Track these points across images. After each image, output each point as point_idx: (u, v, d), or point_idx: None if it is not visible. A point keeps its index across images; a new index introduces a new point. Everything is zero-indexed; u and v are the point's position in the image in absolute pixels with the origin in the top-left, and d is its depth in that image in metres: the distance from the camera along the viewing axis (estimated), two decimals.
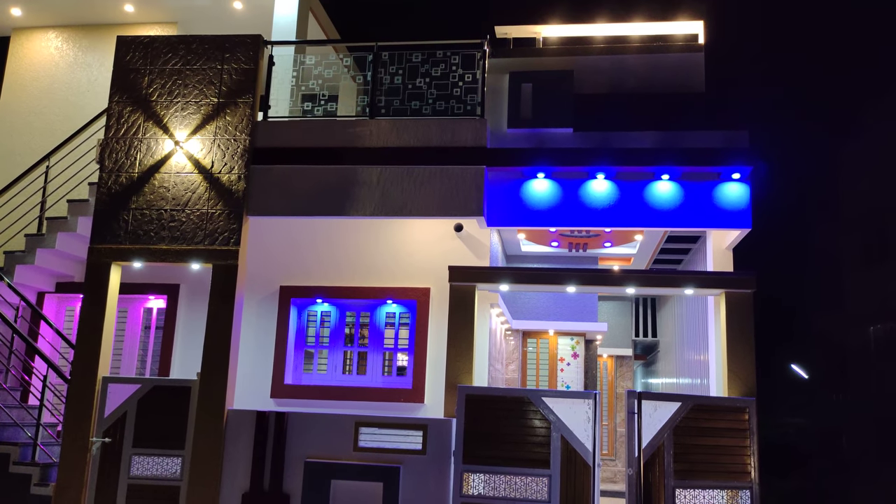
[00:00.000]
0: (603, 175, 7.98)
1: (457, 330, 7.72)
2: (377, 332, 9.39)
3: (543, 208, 8.10)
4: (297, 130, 8.28)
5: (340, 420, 7.45)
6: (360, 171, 8.05)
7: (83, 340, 7.86)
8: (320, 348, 9.48)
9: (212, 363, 7.68)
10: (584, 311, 11.82)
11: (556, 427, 7.06)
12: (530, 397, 7.18)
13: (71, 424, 7.65)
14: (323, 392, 9.09)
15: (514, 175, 8.17)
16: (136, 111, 8.34)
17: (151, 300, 9.81)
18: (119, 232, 8.05)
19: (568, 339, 12.29)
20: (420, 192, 7.94)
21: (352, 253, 9.41)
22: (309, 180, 8.11)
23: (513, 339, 12.10)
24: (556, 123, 8.18)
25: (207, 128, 8.23)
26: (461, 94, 8.30)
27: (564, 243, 10.51)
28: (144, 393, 7.70)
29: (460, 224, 9.15)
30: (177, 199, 8.08)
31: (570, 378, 12.12)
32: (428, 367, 8.98)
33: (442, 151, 8.00)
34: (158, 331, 9.71)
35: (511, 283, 7.91)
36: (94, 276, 7.99)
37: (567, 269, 7.89)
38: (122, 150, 8.27)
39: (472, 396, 7.28)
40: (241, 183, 8.05)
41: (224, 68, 8.34)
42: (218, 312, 7.82)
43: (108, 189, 8.18)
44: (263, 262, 9.42)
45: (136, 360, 9.73)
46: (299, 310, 9.54)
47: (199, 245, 7.94)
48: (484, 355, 9.10)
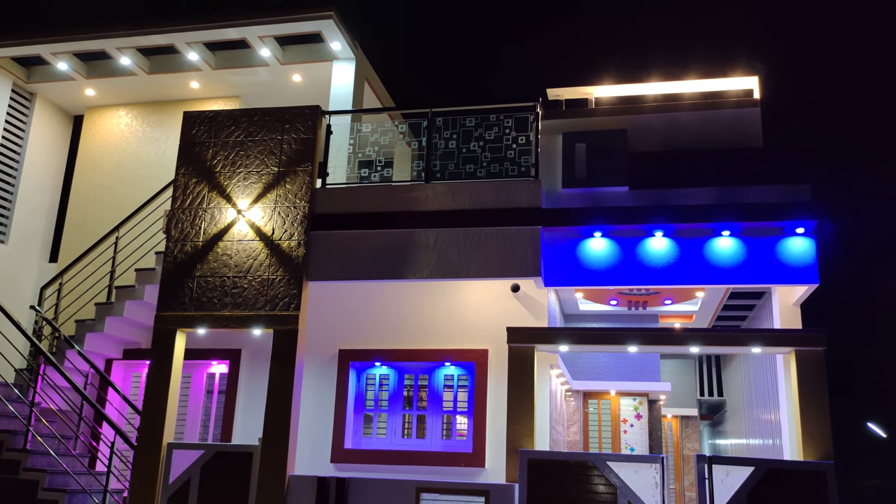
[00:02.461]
0: (661, 232, 7.89)
1: (516, 392, 7.62)
2: (436, 395, 9.33)
3: (601, 267, 8.03)
4: (354, 196, 8.46)
5: (401, 485, 7.36)
6: (417, 235, 8.14)
7: (149, 406, 8.01)
8: (379, 412, 9.45)
9: (273, 428, 7.73)
10: (646, 371, 11.54)
11: (622, 493, 6.84)
12: (595, 462, 6.99)
13: (137, 491, 7.74)
14: (383, 457, 9.02)
15: (570, 234, 8.15)
16: (201, 182, 8.66)
17: (214, 365, 9.98)
18: (184, 299, 8.27)
19: (630, 399, 11.98)
20: (476, 254, 7.97)
21: (409, 315, 9.45)
22: (367, 245, 8.23)
23: (573, 399, 11.86)
24: (610, 182, 8.17)
25: (268, 196, 8.47)
26: (515, 155, 8.39)
27: (623, 301, 10.35)
28: (208, 459, 7.76)
29: (517, 284, 9.12)
30: (239, 266, 8.28)
31: (635, 440, 11.76)
32: (488, 430, 8.85)
33: (497, 213, 8.05)
34: (221, 395, 9.84)
35: (571, 344, 7.81)
36: (160, 342, 8.20)
37: (628, 328, 7.76)
38: (187, 220, 8.56)
39: (534, 461, 7.13)
40: (301, 249, 8.22)
41: (284, 138, 8.62)
42: (279, 377, 7.90)
43: (174, 258, 8.44)
44: (323, 326, 9.52)
45: (200, 425, 9.85)
46: (358, 373, 9.57)
47: (261, 311, 8.09)
48: (545, 417, 8.93)
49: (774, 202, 7.73)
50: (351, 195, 8.48)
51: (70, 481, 8.29)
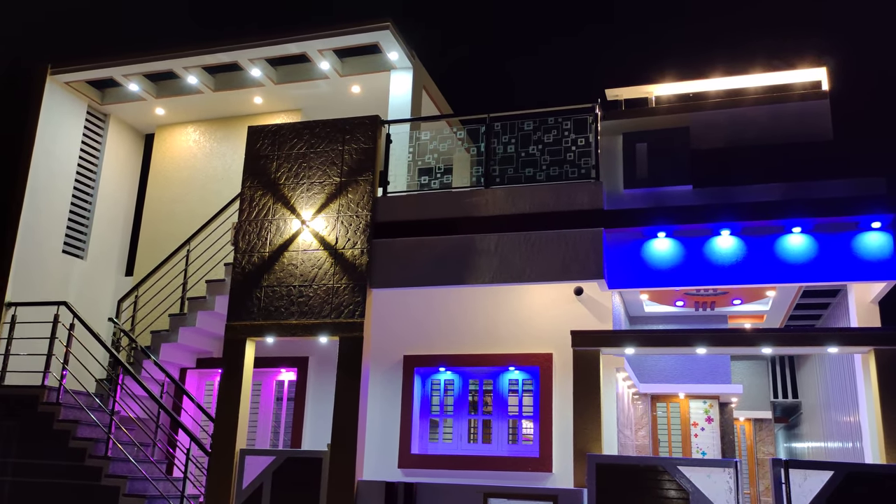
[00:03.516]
0: (728, 231, 7.71)
1: (583, 396, 7.55)
2: (501, 400, 9.31)
3: (666, 268, 7.89)
4: (415, 204, 8.53)
5: (468, 490, 7.38)
6: (478, 240, 8.16)
7: (222, 414, 8.24)
8: (445, 417, 9.49)
9: (341, 434, 7.85)
10: (716, 373, 11.26)
11: (694, 498, 6.70)
12: (665, 466, 6.86)
13: (212, 496, 7.97)
14: (449, 461, 9.05)
15: (633, 235, 8.04)
16: (266, 194, 8.87)
17: (283, 373, 10.20)
18: (253, 309, 8.48)
19: (700, 402, 11.71)
20: (538, 258, 7.94)
21: (473, 320, 9.47)
22: (428, 251, 8.29)
23: (641, 403, 11.66)
24: (674, 181, 8.03)
25: (331, 206, 8.62)
26: (575, 158, 8.33)
27: (690, 302, 10.15)
28: (279, 465, 7.93)
29: (580, 287, 9.05)
30: (304, 275, 8.45)
31: (706, 444, 11.49)
32: (554, 435, 8.79)
33: (558, 216, 8.00)
34: (290, 402, 10.05)
35: (637, 347, 7.69)
36: (230, 351, 8.42)
37: (697, 329, 7.59)
38: (254, 232, 8.78)
39: (602, 465, 7.04)
40: (364, 257, 8.34)
41: (345, 149, 8.77)
42: (345, 383, 8.02)
43: (243, 269, 8.67)
44: (387, 332, 9.62)
45: (270, 432, 10.08)
46: (423, 379, 9.63)
47: (326, 319, 8.23)
48: (612, 421, 8.82)
49: (847, 196, 7.46)
50: (412, 203, 8.56)
51: (149, 487, 8.58)
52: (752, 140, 8.21)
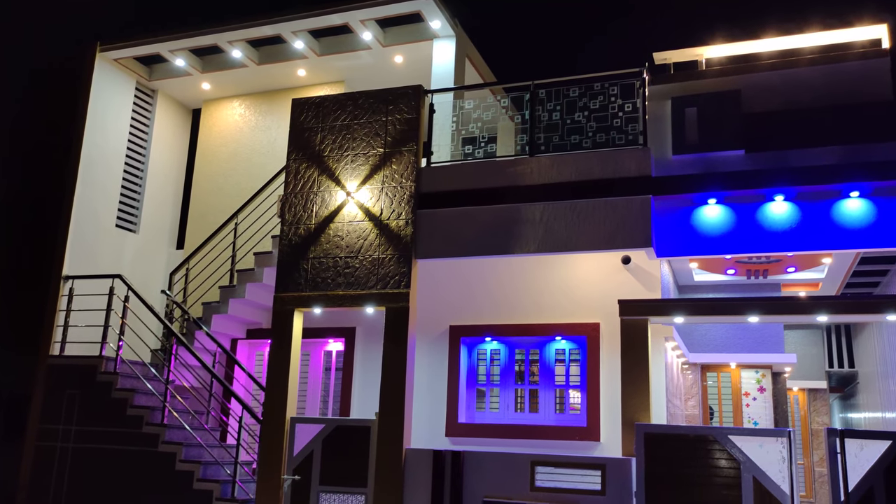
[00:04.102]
0: (782, 196, 7.49)
1: (630, 365, 7.48)
2: (547, 370, 9.29)
3: (717, 235, 7.71)
4: (459, 173, 8.48)
5: (516, 459, 7.40)
6: (523, 209, 8.09)
7: (272, 383, 8.40)
8: (491, 386, 9.52)
9: (389, 403, 7.93)
10: (768, 342, 11.02)
11: (746, 468, 6.60)
12: (716, 436, 6.77)
13: (264, 463, 8.16)
14: (496, 430, 9.09)
15: (682, 203, 7.87)
16: (311, 167, 8.92)
17: (331, 343, 10.33)
18: (300, 280, 8.58)
19: (752, 371, 11.50)
20: (584, 227, 7.83)
21: (519, 290, 9.43)
22: (473, 221, 8.25)
23: (690, 373, 11.51)
24: (725, 146, 7.80)
25: (375, 177, 8.63)
26: (622, 124, 8.16)
27: (742, 270, 9.92)
28: (328, 433, 8.07)
29: (628, 256, 8.91)
30: (350, 246, 8.50)
31: (758, 414, 11.30)
32: (602, 404, 8.74)
33: (605, 184, 7.87)
34: (338, 372, 10.19)
35: (686, 315, 7.56)
36: (279, 322, 8.55)
37: (749, 298, 7.43)
38: (299, 204, 8.85)
39: (651, 435, 6.98)
40: (409, 228, 8.34)
41: (388, 119, 8.74)
42: (392, 353, 8.08)
43: (289, 241, 8.76)
44: (433, 303, 9.65)
45: (319, 401, 10.25)
46: (469, 349, 9.65)
47: (372, 289, 8.28)
48: (661, 391, 8.72)
49: None
50: (456, 172, 8.51)
51: (203, 453, 8.82)
52: (807, 102, 7.91)
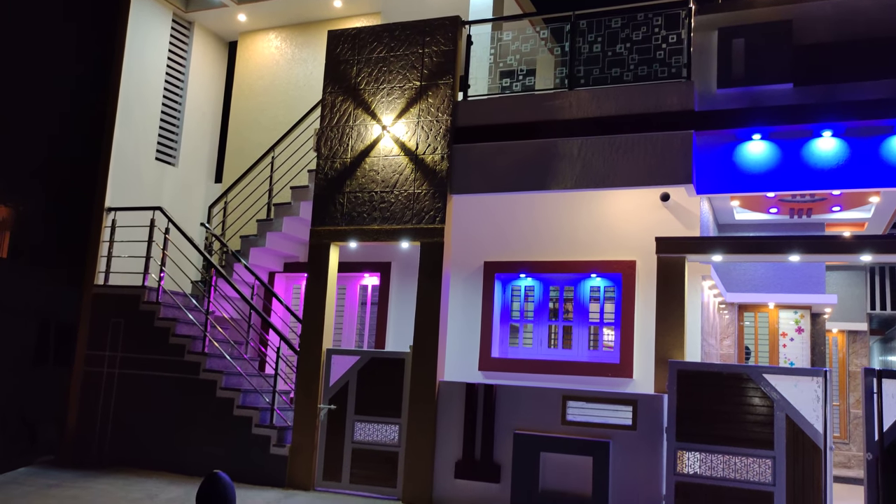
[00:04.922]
0: (830, 132, 7.23)
1: (666, 303, 7.42)
2: (582, 307, 9.28)
3: (760, 172, 7.51)
4: (496, 107, 8.34)
5: (547, 393, 7.47)
6: (560, 144, 7.95)
7: (309, 315, 8.54)
8: (525, 322, 9.56)
9: (423, 336, 8.02)
10: (809, 282, 10.82)
11: (779, 406, 6.57)
12: (750, 374, 6.74)
13: (301, 392, 8.37)
14: (529, 366, 9.17)
15: (725, 138, 7.65)
16: (347, 100, 8.85)
17: (366, 277, 10.43)
18: (336, 214, 8.62)
19: (791, 312, 11.34)
20: (623, 162, 7.68)
21: (554, 227, 9.36)
22: (509, 156, 8.15)
23: (727, 312, 11.40)
24: (772, 79, 7.52)
25: (411, 111, 8.53)
26: (665, 56, 7.89)
27: (785, 209, 9.68)
28: (364, 364, 8.22)
29: (667, 193, 8.76)
30: (385, 181, 8.48)
31: (794, 354, 11.20)
32: (636, 342, 8.73)
33: (646, 118, 7.68)
34: (373, 307, 10.31)
35: (725, 254, 7.45)
36: (315, 255, 8.64)
37: (791, 236, 7.27)
38: (335, 138, 8.82)
39: (684, 372, 6.98)
40: (445, 163, 8.27)
41: (425, 52, 8.59)
42: (426, 288, 8.13)
43: (325, 175, 8.77)
44: (468, 238, 9.64)
45: (355, 334, 10.42)
46: (503, 285, 9.67)
47: (408, 224, 8.29)
48: (696, 330, 8.67)
49: None
50: (493, 106, 8.37)
51: (243, 382, 9.08)
52: (861, 33, 7.55)
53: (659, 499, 6.90)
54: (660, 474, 6.93)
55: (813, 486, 6.39)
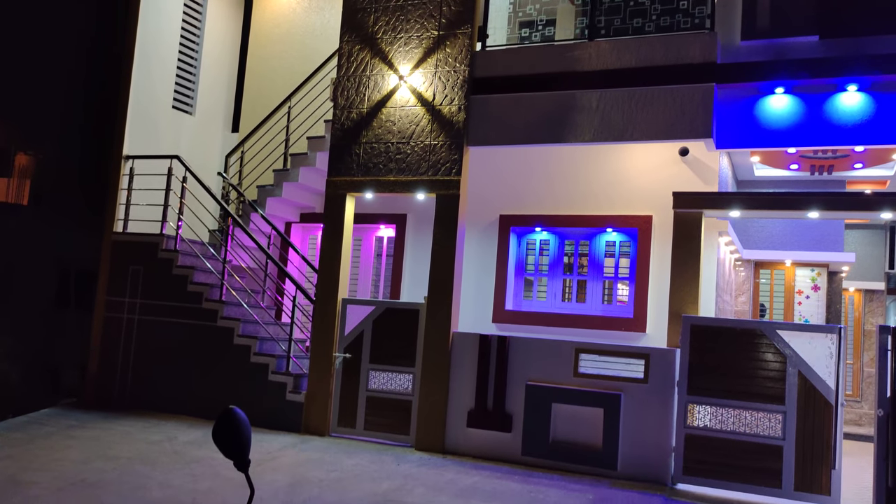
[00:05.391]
0: (855, 86, 7.08)
1: (681, 259, 7.40)
2: (596, 261, 9.27)
3: (782, 127, 7.39)
4: (514, 58, 8.23)
5: (560, 346, 7.53)
6: (579, 97, 7.85)
7: (324, 265, 8.61)
8: (539, 276, 9.58)
9: (437, 288, 8.07)
10: (827, 240, 10.74)
11: (792, 362, 6.59)
12: (764, 330, 6.74)
13: (317, 340, 8.48)
14: (542, 319, 9.22)
15: (747, 92, 7.52)
16: (364, 49, 8.76)
17: (382, 229, 10.46)
18: (352, 165, 8.61)
19: (807, 270, 11.28)
20: (642, 115, 7.59)
21: (571, 180, 9.31)
22: (527, 108, 8.07)
23: (743, 269, 11.36)
24: (797, 31, 7.35)
25: (429, 61, 8.44)
26: (688, 6, 7.72)
27: (806, 166, 9.56)
28: (378, 314, 8.30)
29: (686, 148, 8.66)
30: (402, 132, 8.44)
31: (809, 312, 11.17)
32: (650, 297, 8.75)
33: (666, 70, 7.55)
34: (389, 258, 10.36)
35: (743, 209, 7.39)
36: (331, 206, 8.67)
37: (810, 192, 7.19)
38: (352, 88, 8.76)
39: (697, 327, 6.99)
40: (462, 114, 8.21)
41: (443, 0, 8.45)
42: (441, 240, 8.15)
43: (342, 125, 8.74)
44: (484, 191, 9.62)
45: (370, 285, 10.50)
46: (519, 238, 9.67)
47: (423, 176, 8.27)
48: (711, 286, 8.66)
49: None
50: (511, 57, 8.26)
51: (259, 330, 9.21)
52: None
53: (668, 451, 6.99)
54: (670, 427, 7.00)
55: (823, 440, 6.44)
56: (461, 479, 6.77)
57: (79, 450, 7.16)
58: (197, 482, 6.24)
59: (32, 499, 5.62)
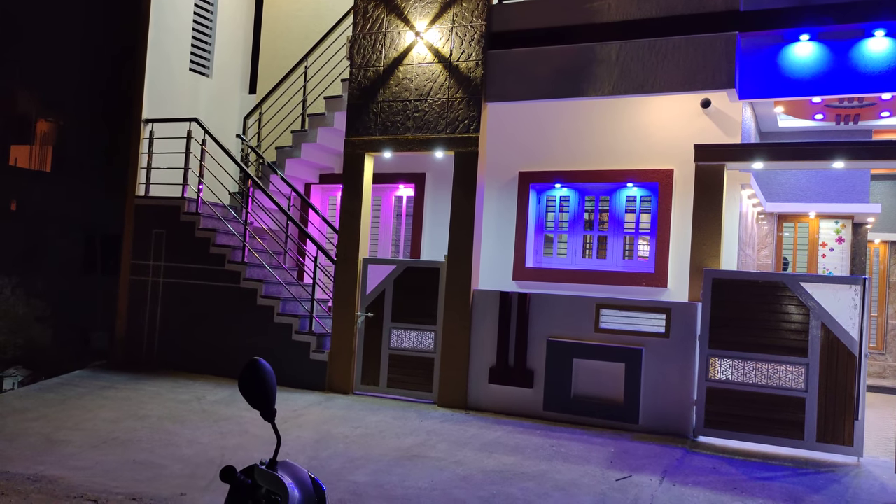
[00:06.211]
0: (883, 31, 6.89)
1: (703, 212, 7.33)
2: (617, 217, 9.22)
3: (807, 76, 7.23)
4: (532, 11, 8.09)
5: (581, 301, 7.53)
6: (598, 49, 7.72)
7: (345, 224, 8.64)
8: (560, 233, 9.55)
9: (457, 246, 8.08)
10: (852, 191, 10.56)
11: (815, 314, 6.55)
12: (786, 282, 6.69)
13: (339, 300, 8.56)
14: (563, 275, 9.22)
15: (771, 40, 7.34)
16: (380, 6, 8.65)
17: (401, 188, 10.45)
18: (370, 124, 8.57)
19: (832, 222, 11.13)
20: (662, 67, 7.45)
21: (591, 135, 9.21)
22: (545, 62, 7.95)
23: (766, 223, 11.23)
24: None
25: (445, 16, 8.32)
26: None
27: (831, 115, 9.37)
28: (399, 273, 8.34)
29: (708, 99, 8.52)
30: (419, 89, 8.37)
31: (833, 265, 11.05)
32: (671, 252, 8.70)
33: (688, 20, 7.38)
34: (408, 218, 10.37)
35: (766, 161, 7.28)
36: (350, 166, 8.66)
37: (835, 141, 7.06)
38: (368, 46, 8.68)
39: (719, 280, 6.96)
40: (479, 69, 8.12)
41: None
42: (461, 198, 8.13)
43: (359, 84, 8.68)
44: (503, 148, 9.55)
45: (391, 245, 10.53)
46: (538, 195, 9.62)
47: (442, 133, 8.22)
48: (733, 240, 8.59)
49: None
50: (528, 10, 8.12)
51: (282, 290, 9.30)
52: None
53: (690, 404, 7.01)
54: (691, 381, 7.02)
55: (846, 392, 6.43)
56: (484, 433, 6.86)
57: (110, 409, 7.34)
58: (225, 439, 6.38)
59: (67, 456, 5.79)
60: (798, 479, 5.87)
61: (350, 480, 5.39)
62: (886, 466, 6.27)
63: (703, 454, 6.49)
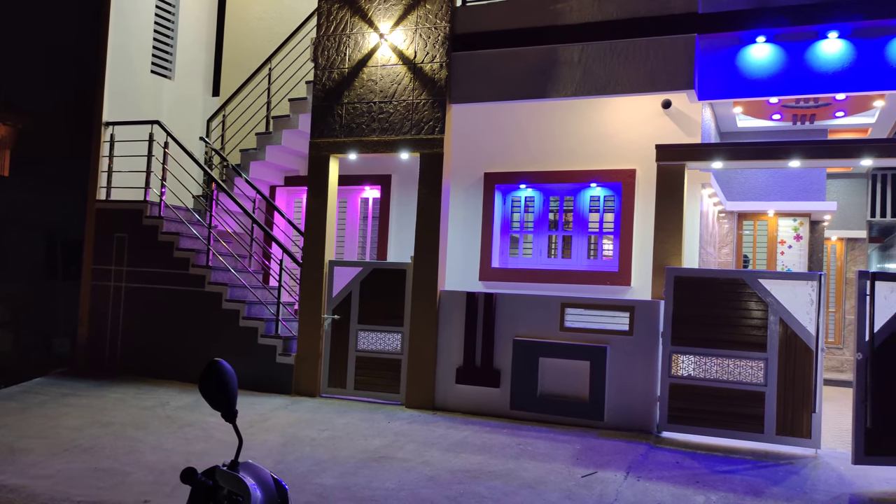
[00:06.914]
0: (836, 33, 7.07)
1: (665, 211, 7.45)
2: (581, 217, 9.32)
3: (764, 77, 7.39)
4: (495, 12, 8.15)
5: (547, 301, 7.61)
6: (561, 51, 7.81)
7: (310, 228, 8.61)
8: (525, 233, 9.63)
9: (423, 247, 8.11)
10: (809, 190, 10.82)
11: (773, 310, 6.70)
12: (746, 279, 6.83)
13: (305, 303, 8.53)
14: (529, 275, 9.29)
15: (729, 42, 7.50)
16: (343, 7, 8.64)
17: (367, 190, 10.44)
18: (334, 126, 8.56)
19: (790, 220, 11.38)
20: (624, 68, 7.56)
21: (554, 136, 9.30)
22: (508, 64, 8.02)
23: (726, 221, 11.45)
24: None
25: (409, 18, 8.35)
26: None
27: (788, 115, 9.58)
28: (366, 275, 8.34)
29: (669, 100, 8.66)
30: (384, 91, 8.38)
31: (792, 262, 11.30)
32: (634, 251, 8.83)
33: (648, 22, 7.50)
34: (375, 220, 10.37)
35: (725, 160, 7.42)
36: (315, 168, 8.63)
37: (792, 141, 7.23)
38: (332, 48, 8.66)
39: (681, 278, 7.08)
40: (444, 71, 8.15)
41: None
42: (426, 199, 8.16)
43: (323, 86, 8.66)
44: (468, 149, 9.60)
45: (357, 247, 10.52)
46: (503, 195, 9.69)
47: (407, 135, 8.24)
48: (694, 238, 8.74)
49: None
50: (492, 12, 8.18)
51: (248, 294, 9.23)
52: None
53: (654, 400, 7.12)
54: (655, 377, 7.13)
55: (804, 386, 6.58)
56: (451, 433, 6.90)
57: (73, 417, 7.22)
58: (190, 444, 6.32)
59: (29, 465, 5.69)
60: (758, 471, 6.00)
61: (317, 483, 5.38)
62: (843, 458, 6.43)
63: (667, 449, 6.60)
